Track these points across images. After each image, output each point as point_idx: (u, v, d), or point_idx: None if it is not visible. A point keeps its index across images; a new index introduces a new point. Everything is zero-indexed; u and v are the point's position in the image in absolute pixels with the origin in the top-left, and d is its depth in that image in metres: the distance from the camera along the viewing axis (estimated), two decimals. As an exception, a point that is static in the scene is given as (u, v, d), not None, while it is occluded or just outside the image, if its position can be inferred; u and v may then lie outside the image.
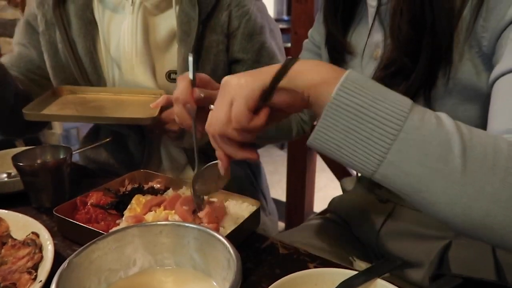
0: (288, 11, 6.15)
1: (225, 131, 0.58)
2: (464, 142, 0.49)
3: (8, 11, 2.91)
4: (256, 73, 0.58)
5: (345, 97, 0.51)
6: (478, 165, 0.48)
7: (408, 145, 0.49)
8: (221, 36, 1.07)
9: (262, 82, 0.56)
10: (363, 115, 0.50)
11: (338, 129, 0.51)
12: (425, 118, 0.51)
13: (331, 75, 0.53)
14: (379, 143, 0.50)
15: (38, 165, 0.89)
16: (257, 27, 1.10)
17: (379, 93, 0.51)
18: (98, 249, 0.56)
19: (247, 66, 1.12)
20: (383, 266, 0.60)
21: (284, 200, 2.24)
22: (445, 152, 0.49)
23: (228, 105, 0.57)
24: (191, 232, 0.59)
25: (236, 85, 0.57)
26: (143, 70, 1.06)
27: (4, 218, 0.78)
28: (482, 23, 0.62)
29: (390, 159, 0.50)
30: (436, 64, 0.67)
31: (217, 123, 0.59)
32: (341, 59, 0.85)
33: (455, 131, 0.50)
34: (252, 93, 0.56)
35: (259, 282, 0.65)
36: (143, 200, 0.81)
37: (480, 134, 0.51)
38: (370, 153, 0.50)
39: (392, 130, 0.50)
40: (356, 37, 0.84)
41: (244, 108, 0.56)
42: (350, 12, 0.85)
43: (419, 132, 0.50)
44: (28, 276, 0.63)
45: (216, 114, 0.59)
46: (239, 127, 0.57)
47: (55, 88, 1.10)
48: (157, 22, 1.07)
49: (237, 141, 0.60)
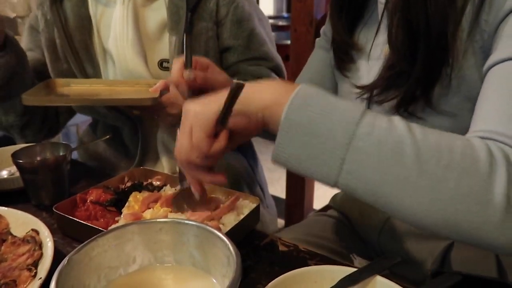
0: (288, 8, 6.15)
1: (189, 159, 0.61)
2: (417, 143, 0.50)
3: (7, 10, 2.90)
4: (211, 99, 0.60)
5: (295, 114, 0.52)
6: (433, 164, 0.49)
7: (361, 152, 0.50)
8: (210, 23, 1.10)
9: (216, 107, 0.57)
10: (314, 129, 0.51)
11: (294, 146, 0.52)
12: (375, 123, 0.51)
13: (282, 94, 0.54)
14: (335, 153, 0.50)
15: (37, 162, 0.89)
16: (245, 14, 1.13)
17: (328, 105, 0.52)
18: (97, 246, 0.56)
19: (238, 53, 1.14)
20: (382, 263, 0.60)
21: (283, 197, 2.24)
22: (398, 156, 0.49)
23: (188, 133, 0.59)
24: (191, 230, 0.59)
25: (193, 113, 0.59)
26: (135, 59, 1.09)
27: (4, 215, 0.78)
28: (485, 17, 0.61)
29: (347, 168, 0.50)
30: (434, 66, 0.67)
31: (182, 151, 0.61)
32: (348, 59, 0.84)
33: (407, 133, 0.50)
34: (208, 119, 0.58)
35: (259, 279, 0.65)
36: (140, 198, 0.81)
37: (435, 134, 0.51)
38: (328, 165, 0.51)
39: (345, 139, 0.50)
40: (365, 35, 0.83)
41: (203, 135, 0.58)
42: (358, 9, 0.84)
43: (371, 138, 0.50)
44: (28, 273, 0.63)
45: (180, 142, 0.61)
46: (200, 154, 0.59)
47: (48, 81, 1.10)
48: (147, 14, 1.11)
49: (202, 166, 0.62)
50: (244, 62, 1.15)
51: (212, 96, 0.61)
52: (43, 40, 1.16)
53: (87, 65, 1.13)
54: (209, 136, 0.59)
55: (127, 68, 1.10)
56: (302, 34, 1.89)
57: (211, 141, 0.59)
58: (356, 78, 0.82)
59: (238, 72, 1.16)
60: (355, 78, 0.82)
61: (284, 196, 2.23)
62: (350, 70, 0.84)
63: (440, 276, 0.59)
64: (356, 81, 0.80)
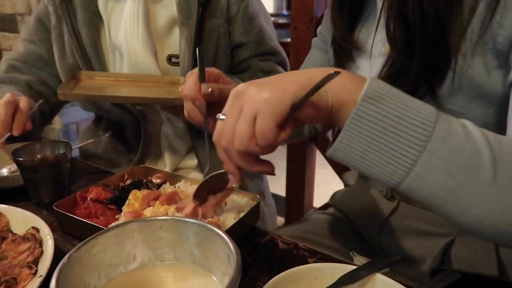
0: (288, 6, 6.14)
1: (247, 148, 0.54)
2: (493, 151, 0.49)
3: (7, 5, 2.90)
4: (281, 84, 0.53)
5: (367, 107, 0.49)
6: (508, 176, 0.48)
7: (436, 156, 0.48)
8: (222, 20, 1.13)
9: (292, 96, 0.52)
10: (388, 125, 0.49)
11: (361, 141, 0.50)
12: (451, 127, 0.49)
13: (354, 85, 0.52)
14: (406, 154, 0.49)
15: (38, 160, 0.89)
16: (255, 11, 1.17)
17: (403, 102, 0.50)
18: (98, 244, 0.56)
19: (250, 49, 1.18)
20: (382, 261, 0.60)
21: (283, 195, 2.24)
22: (474, 163, 0.48)
23: (250, 120, 0.53)
24: (191, 227, 0.59)
25: (259, 99, 0.52)
26: (145, 54, 1.10)
27: (4, 213, 0.78)
28: (499, 20, 0.61)
29: (417, 171, 0.49)
30: (433, 62, 0.66)
31: (237, 139, 0.54)
32: (348, 57, 0.84)
33: (483, 140, 0.49)
34: (282, 108, 0.52)
35: (258, 277, 0.65)
36: (140, 195, 0.81)
37: (507, 142, 0.51)
38: (396, 165, 0.49)
39: (419, 141, 0.48)
40: (365, 33, 0.82)
41: (273, 125, 0.52)
42: (358, 7, 0.84)
43: (447, 143, 0.48)
44: (28, 271, 0.63)
45: (232, 128, 0.54)
46: (265, 144, 0.53)
47: (74, 73, 1.13)
48: (157, 10, 1.13)
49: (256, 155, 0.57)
50: (255, 58, 1.20)
51: (277, 80, 0.55)
52: (54, 37, 1.18)
53: (94, 60, 1.14)
54: (279, 125, 0.52)
55: (136, 62, 1.11)
56: (302, 32, 1.89)
57: (279, 131, 0.53)
58: None
59: (249, 67, 1.21)
60: None
61: (284, 194, 2.23)
62: (350, 70, 0.84)
63: (440, 274, 0.59)
64: None
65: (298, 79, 0.53)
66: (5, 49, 3.12)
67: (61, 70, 1.19)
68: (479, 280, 0.66)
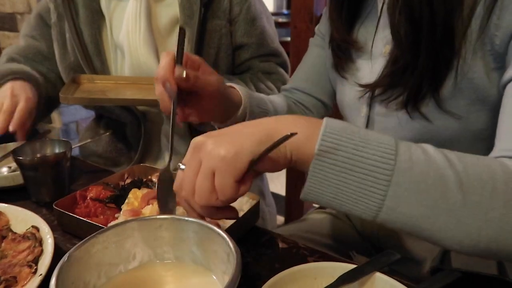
0: (288, 5, 6.13)
1: (208, 202, 0.54)
2: (459, 174, 0.49)
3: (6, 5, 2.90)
4: (237, 139, 0.53)
5: (327, 151, 0.50)
6: (478, 194, 0.49)
7: (403, 188, 0.49)
8: (224, 21, 1.13)
9: (250, 153, 0.52)
10: (350, 166, 0.49)
11: (329, 184, 0.51)
12: (413, 157, 0.50)
13: (310, 129, 0.52)
14: (374, 191, 0.49)
15: (38, 159, 0.89)
16: (257, 12, 1.17)
17: (360, 139, 0.50)
18: (98, 243, 0.56)
19: (251, 50, 1.18)
20: (382, 260, 0.60)
21: (283, 194, 2.24)
22: (441, 189, 0.49)
23: (209, 175, 0.53)
24: (191, 226, 0.59)
25: (216, 156, 0.52)
26: (147, 54, 1.10)
27: (4, 212, 0.78)
28: (496, 21, 0.61)
29: (388, 204, 0.49)
30: (439, 60, 0.66)
31: (198, 194, 0.54)
32: (347, 58, 0.84)
33: (446, 164, 0.50)
34: (239, 167, 0.52)
35: (258, 276, 0.65)
36: (140, 194, 0.81)
37: (473, 161, 0.51)
38: (367, 201, 0.50)
39: (384, 175, 0.49)
40: (364, 32, 0.82)
41: (232, 182, 0.52)
42: (357, 6, 0.83)
43: (411, 173, 0.49)
44: (28, 269, 0.63)
45: (192, 181, 0.54)
46: (225, 199, 0.53)
47: (74, 76, 1.13)
48: (160, 9, 1.13)
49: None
50: (256, 59, 1.20)
51: (233, 133, 0.55)
52: (54, 34, 1.18)
53: (95, 59, 1.14)
54: (238, 181, 0.53)
55: (138, 62, 1.11)
56: (302, 31, 1.89)
57: (238, 186, 0.53)
58: (356, 77, 0.81)
59: (250, 68, 1.21)
60: (355, 78, 0.81)
61: (284, 193, 2.24)
62: (350, 70, 0.83)
63: (440, 273, 0.59)
64: (356, 81, 0.80)
65: (256, 133, 0.53)
66: (4, 48, 3.12)
67: (62, 68, 1.19)
68: (479, 279, 0.66)
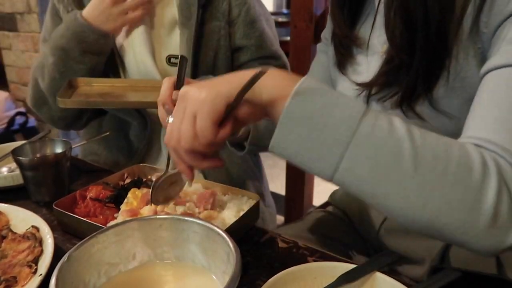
0: (288, 4, 6.13)
1: (192, 146, 0.58)
2: (416, 147, 0.50)
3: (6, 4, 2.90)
4: (217, 85, 0.57)
5: (296, 107, 0.51)
6: (429, 169, 0.50)
7: (360, 151, 0.50)
8: (223, 23, 1.12)
9: (226, 96, 0.55)
10: (315, 123, 0.51)
11: (293, 138, 0.52)
12: (377, 123, 0.51)
13: (287, 83, 0.54)
14: (333, 150, 0.51)
15: (37, 159, 0.89)
16: (257, 15, 1.16)
17: (331, 100, 0.52)
18: (97, 242, 0.56)
19: (250, 53, 1.17)
20: (381, 260, 0.60)
21: (283, 194, 2.24)
22: (396, 158, 0.50)
23: (191, 119, 0.56)
24: (191, 226, 0.59)
25: (197, 99, 0.56)
26: (144, 54, 1.10)
27: (4, 212, 0.78)
28: (485, 19, 0.61)
29: (345, 166, 0.51)
30: (433, 60, 0.66)
31: (182, 139, 0.58)
32: (348, 54, 0.84)
33: (406, 136, 0.51)
34: (217, 108, 0.55)
35: (258, 275, 0.65)
36: (139, 194, 0.81)
37: (434, 139, 0.52)
38: (326, 160, 0.51)
39: (345, 137, 0.50)
40: (364, 31, 0.82)
41: (210, 123, 0.56)
42: (358, 5, 0.84)
43: (371, 139, 0.50)
44: (28, 269, 0.63)
45: (178, 129, 0.58)
46: (206, 142, 0.57)
47: (71, 80, 1.12)
48: (158, 10, 1.13)
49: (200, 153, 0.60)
50: (255, 61, 1.19)
51: (214, 81, 0.58)
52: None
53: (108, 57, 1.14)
54: (216, 123, 0.56)
55: (135, 62, 1.11)
56: (301, 30, 1.88)
57: (217, 128, 0.57)
58: (355, 75, 0.82)
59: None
60: (355, 75, 0.81)
61: (283, 193, 2.24)
62: (350, 67, 0.83)
63: (440, 273, 0.59)
64: (355, 79, 0.80)
65: (232, 80, 0.57)
66: (4, 48, 3.12)
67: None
68: (479, 278, 0.66)
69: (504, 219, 0.49)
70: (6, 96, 3.01)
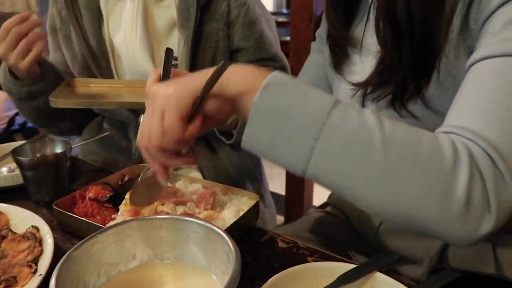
0: (287, 4, 6.13)
1: (161, 144, 0.58)
2: (386, 136, 0.50)
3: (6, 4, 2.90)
4: (184, 81, 0.57)
5: (266, 100, 0.51)
6: (399, 158, 0.49)
7: (331, 143, 0.50)
8: (221, 24, 1.11)
9: (193, 90, 0.56)
10: (285, 116, 0.50)
11: (264, 133, 0.51)
12: (346, 114, 0.51)
13: (256, 80, 0.53)
14: (304, 143, 0.50)
15: (37, 159, 0.89)
16: (256, 16, 1.15)
17: (301, 93, 0.51)
18: (97, 242, 0.56)
19: (249, 54, 1.16)
20: (381, 260, 0.60)
21: (283, 194, 2.24)
22: (366, 149, 0.49)
23: (159, 117, 0.57)
24: (191, 226, 0.59)
25: (164, 96, 0.56)
26: (143, 56, 1.10)
27: (4, 212, 0.78)
28: (474, 16, 0.61)
29: (316, 158, 0.50)
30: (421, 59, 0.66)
31: (151, 137, 0.58)
32: (343, 54, 0.84)
33: (377, 126, 0.50)
34: (184, 103, 0.56)
35: (258, 275, 0.65)
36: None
37: (404, 128, 0.52)
38: (297, 154, 0.51)
39: (314, 129, 0.50)
40: (359, 31, 0.82)
41: (177, 119, 0.56)
42: (353, 6, 0.84)
43: (340, 130, 0.50)
44: (28, 269, 0.63)
45: (148, 127, 0.58)
46: (174, 139, 0.57)
47: (69, 80, 1.12)
48: (157, 11, 1.12)
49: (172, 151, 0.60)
50: (254, 63, 1.18)
51: (183, 78, 0.59)
52: (61, 38, 1.18)
53: (101, 58, 1.14)
54: (184, 119, 0.57)
55: (135, 64, 1.11)
56: (301, 30, 1.89)
57: (185, 125, 0.57)
58: (351, 75, 0.82)
59: None
60: (350, 75, 0.82)
61: (283, 193, 2.24)
62: (346, 67, 0.84)
63: (440, 273, 0.59)
64: (351, 79, 0.80)
65: (199, 75, 0.56)
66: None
67: (74, 71, 1.19)
68: (479, 278, 0.66)
69: (477, 205, 0.49)
70: (6, 96, 3.00)
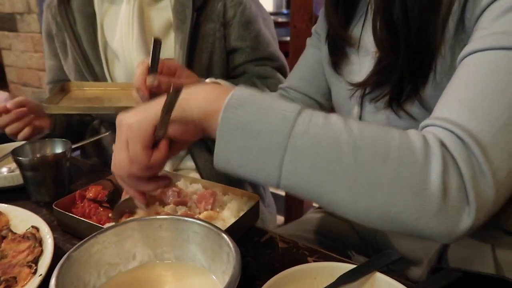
0: (287, 4, 6.13)
1: (130, 172, 0.59)
2: (354, 138, 0.49)
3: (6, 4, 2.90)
4: (146, 109, 0.58)
5: (230, 117, 0.51)
6: (370, 157, 0.48)
7: (299, 151, 0.49)
8: (218, 25, 1.11)
9: (153, 119, 0.56)
10: (250, 130, 0.50)
11: (232, 150, 0.51)
12: (311, 121, 0.50)
13: (218, 99, 0.53)
14: (273, 155, 0.49)
15: (37, 159, 0.89)
16: (252, 15, 1.14)
17: (264, 105, 0.51)
18: (97, 243, 0.56)
19: (246, 54, 1.16)
20: (381, 260, 0.60)
21: (283, 194, 2.24)
22: (335, 153, 0.48)
23: (125, 146, 0.58)
24: (191, 226, 0.59)
25: (127, 126, 0.57)
26: (139, 58, 1.09)
27: (4, 212, 0.78)
28: (468, 15, 0.61)
29: (287, 169, 0.49)
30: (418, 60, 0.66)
31: (121, 166, 0.59)
32: (341, 53, 0.84)
33: (343, 128, 0.49)
34: (144, 132, 0.56)
35: (258, 276, 0.65)
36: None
37: (372, 128, 0.51)
38: (268, 167, 0.50)
39: (282, 140, 0.49)
40: (357, 31, 0.82)
41: (140, 148, 0.56)
42: (352, 5, 0.84)
43: (307, 136, 0.49)
44: (28, 269, 0.63)
45: (118, 156, 0.59)
46: (141, 167, 0.58)
47: (64, 84, 1.13)
48: (153, 13, 1.12)
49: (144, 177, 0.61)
50: (251, 63, 1.17)
51: (147, 105, 0.59)
52: (58, 45, 1.19)
53: (95, 64, 1.14)
54: (147, 147, 0.57)
55: (132, 66, 1.10)
56: (301, 30, 1.89)
57: (150, 152, 0.58)
58: (350, 74, 0.82)
59: (245, 72, 1.18)
60: (349, 75, 0.82)
61: (283, 193, 2.23)
62: (344, 67, 0.84)
63: (440, 273, 0.59)
64: (350, 78, 0.80)
65: (159, 102, 0.56)
66: (4, 48, 3.12)
67: (70, 77, 1.20)
68: (479, 278, 0.66)
69: (454, 197, 0.47)
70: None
